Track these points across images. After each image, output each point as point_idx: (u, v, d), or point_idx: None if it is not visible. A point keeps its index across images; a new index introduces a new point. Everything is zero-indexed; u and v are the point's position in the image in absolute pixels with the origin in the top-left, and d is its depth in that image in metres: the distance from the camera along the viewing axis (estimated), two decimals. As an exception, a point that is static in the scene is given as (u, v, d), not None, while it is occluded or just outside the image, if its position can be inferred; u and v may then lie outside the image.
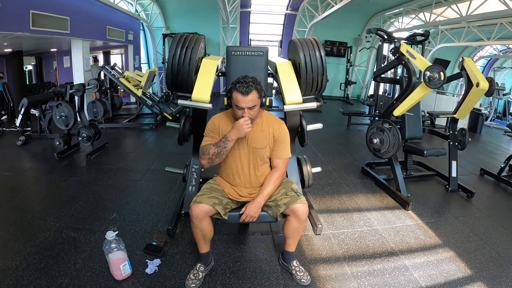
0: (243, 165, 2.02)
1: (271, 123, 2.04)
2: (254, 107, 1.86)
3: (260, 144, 1.99)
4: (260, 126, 2.02)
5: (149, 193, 3.30)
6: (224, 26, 10.44)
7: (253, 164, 2.02)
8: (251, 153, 2.00)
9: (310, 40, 2.35)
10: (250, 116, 1.87)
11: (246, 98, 1.82)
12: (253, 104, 1.85)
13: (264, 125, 2.02)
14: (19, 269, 2.08)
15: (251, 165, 2.02)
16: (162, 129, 6.23)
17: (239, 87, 1.82)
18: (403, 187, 3.35)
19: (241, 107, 1.85)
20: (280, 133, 2.03)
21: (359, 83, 12.14)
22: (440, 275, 2.21)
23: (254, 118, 1.93)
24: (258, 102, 1.89)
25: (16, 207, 2.96)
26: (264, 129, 2.01)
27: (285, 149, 2.05)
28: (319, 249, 2.47)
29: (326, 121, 7.41)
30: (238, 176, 2.04)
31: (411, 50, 3.17)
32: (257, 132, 2.00)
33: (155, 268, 2.14)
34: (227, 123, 2.01)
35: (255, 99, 1.85)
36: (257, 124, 2.01)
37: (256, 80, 1.90)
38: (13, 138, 5.11)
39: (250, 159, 2.01)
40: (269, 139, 2.01)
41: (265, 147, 2.00)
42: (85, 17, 6.38)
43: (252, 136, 1.98)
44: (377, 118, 3.69)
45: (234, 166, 2.04)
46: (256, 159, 2.01)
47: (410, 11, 9.06)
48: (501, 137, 7.52)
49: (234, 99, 1.86)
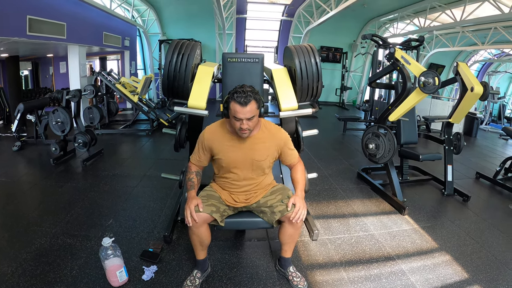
0: (240, 176, 1.99)
1: (272, 134, 1.99)
2: (253, 118, 1.79)
3: (260, 156, 1.94)
4: (261, 138, 1.96)
5: (146, 199, 3.29)
6: (220, 32, 10.49)
7: (251, 176, 2.00)
8: (251, 165, 1.96)
9: (305, 46, 2.37)
10: (249, 127, 1.81)
11: (245, 109, 1.74)
12: (251, 115, 1.77)
13: (265, 137, 1.97)
14: (15, 276, 2.06)
15: (249, 177, 2.00)
16: (158, 135, 6.22)
17: (237, 97, 1.74)
18: (399, 192, 3.36)
19: (239, 118, 1.77)
20: (284, 141, 2.02)
21: (355, 88, 12.22)
22: (437, 279, 2.22)
23: (253, 129, 1.87)
24: (257, 112, 1.82)
25: (12, 213, 2.94)
26: (266, 141, 1.96)
27: (293, 152, 2.07)
28: (316, 254, 2.47)
29: (322, 127, 7.42)
30: (235, 185, 2.02)
31: (405, 56, 3.21)
32: (258, 144, 1.94)
33: (152, 274, 2.13)
34: (220, 137, 1.96)
35: (254, 110, 1.78)
36: (257, 136, 1.95)
37: (254, 90, 1.82)
38: (9, 143, 5.07)
39: (249, 171, 1.98)
40: (272, 151, 1.98)
41: (265, 159, 1.96)
42: (81, 22, 6.38)
43: (252, 148, 1.93)
44: (372, 124, 3.71)
45: (231, 176, 2.00)
46: (257, 171, 1.99)
47: (405, 17, 9.16)
48: (497, 141, 7.58)
49: (232, 110, 1.78)
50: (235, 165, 1.96)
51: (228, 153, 1.94)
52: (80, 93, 4.55)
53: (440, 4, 7.33)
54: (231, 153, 1.94)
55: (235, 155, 1.93)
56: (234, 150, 1.93)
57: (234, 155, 1.93)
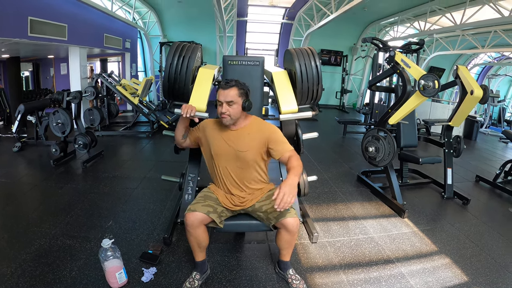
0: (229, 168, 2.04)
1: (260, 128, 2.04)
2: (232, 104, 1.92)
3: (243, 146, 1.99)
4: (247, 129, 2.03)
5: (145, 201, 3.29)
6: (221, 35, 10.50)
7: (239, 167, 2.03)
8: (235, 156, 2.00)
9: (306, 49, 2.38)
10: (228, 112, 1.92)
11: (225, 91, 1.91)
12: (231, 99, 1.91)
13: (251, 130, 2.02)
14: (14, 276, 2.06)
15: (237, 168, 2.03)
16: (158, 137, 6.23)
17: (222, 82, 1.95)
18: (399, 195, 3.36)
19: (220, 102, 1.93)
20: (271, 134, 2.00)
21: (355, 91, 12.24)
22: (437, 282, 2.22)
23: (234, 118, 1.95)
24: (239, 100, 1.93)
25: (12, 214, 2.94)
26: (251, 133, 2.01)
27: (285, 144, 1.99)
28: (315, 257, 2.47)
29: (322, 129, 7.45)
30: (228, 180, 2.06)
31: (405, 59, 3.21)
32: (242, 135, 2.01)
33: (151, 276, 2.13)
34: (214, 127, 2.08)
35: (234, 96, 1.91)
36: (242, 128, 2.03)
37: (242, 82, 1.98)
38: (9, 144, 5.08)
39: (235, 162, 2.02)
40: (256, 143, 1.99)
41: (247, 150, 1.98)
42: (82, 24, 6.41)
43: (236, 139, 2.01)
44: (372, 127, 3.71)
45: (222, 169, 2.06)
46: (241, 161, 2.01)
47: (405, 20, 9.17)
48: (496, 144, 7.58)
49: (217, 95, 1.96)
50: (221, 154, 2.03)
51: (215, 141, 2.05)
52: (81, 95, 4.56)
53: (440, 8, 7.35)
54: (218, 141, 2.04)
55: (221, 143, 2.02)
56: (221, 139, 2.03)
57: (220, 144, 2.03)
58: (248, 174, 2.06)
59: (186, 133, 2.12)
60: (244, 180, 2.06)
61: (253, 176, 2.07)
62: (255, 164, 2.05)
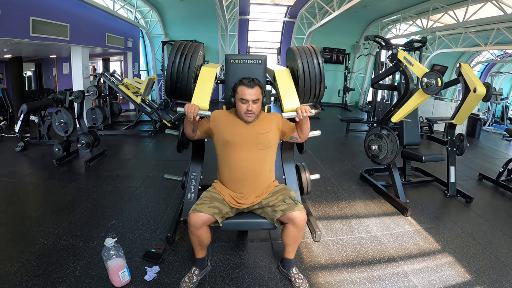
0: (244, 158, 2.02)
1: (269, 116, 2.17)
2: (257, 101, 1.99)
3: (264, 128, 2.06)
4: (261, 119, 2.11)
5: (148, 200, 3.30)
6: (223, 34, 10.50)
7: (254, 158, 2.03)
8: (256, 139, 2.03)
9: (308, 48, 2.37)
10: (253, 110, 1.98)
11: (251, 90, 1.96)
12: (256, 98, 1.98)
13: (264, 117, 2.13)
14: (18, 275, 2.07)
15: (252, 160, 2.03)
16: (161, 136, 6.24)
17: (245, 81, 1.99)
18: (402, 193, 3.35)
19: (246, 100, 1.97)
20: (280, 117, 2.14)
21: (357, 89, 12.21)
22: (440, 281, 2.21)
23: (257, 114, 2.04)
24: (261, 98, 2.03)
25: (15, 213, 2.96)
26: (267, 120, 2.12)
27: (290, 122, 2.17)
28: (318, 256, 2.47)
29: (325, 128, 7.43)
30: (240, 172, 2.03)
31: (408, 57, 3.20)
32: (261, 122, 2.09)
33: (154, 275, 2.14)
34: (227, 118, 2.10)
35: (259, 94, 1.99)
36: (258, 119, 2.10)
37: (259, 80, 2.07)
38: (12, 144, 5.10)
39: (253, 149, 2.03)
40: (273, 127, 2.10)
41: (270, 131, 2.07)
42: (84, 24, 6.41)
43: (256, 125, 2.06)
44: (375, 125, 3.70)
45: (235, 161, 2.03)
46: (261, 144, 2.04)
47: (407, 18, 9.13)
48: (499, 142, 7.55)
49: (239, 93, 1.98)
50: (236, 143, 2.02)
51: (232, 129, 2.05)
52: (83, 94, 4.57)
53: (443, 5, 7.31)
54: (235, 129, 2.05)
55: (240, 130, 2.04)
56: (239, 128, 2.05)
57: (239, 131, 2.04)
58: (260, 167, 2.07)
59: (195, 127, 2.11)
60: (256, 173, 2.05)
61: (264, 170, 2.09)
62: (271, 150, 2.11)
